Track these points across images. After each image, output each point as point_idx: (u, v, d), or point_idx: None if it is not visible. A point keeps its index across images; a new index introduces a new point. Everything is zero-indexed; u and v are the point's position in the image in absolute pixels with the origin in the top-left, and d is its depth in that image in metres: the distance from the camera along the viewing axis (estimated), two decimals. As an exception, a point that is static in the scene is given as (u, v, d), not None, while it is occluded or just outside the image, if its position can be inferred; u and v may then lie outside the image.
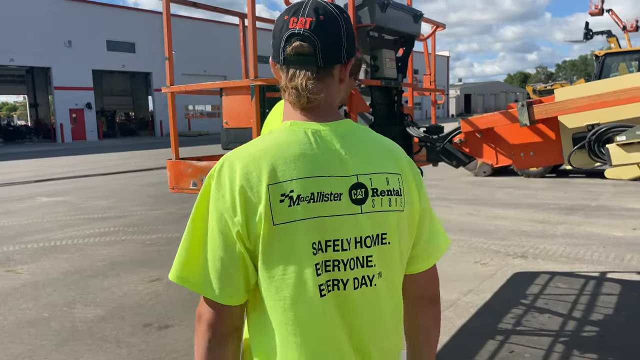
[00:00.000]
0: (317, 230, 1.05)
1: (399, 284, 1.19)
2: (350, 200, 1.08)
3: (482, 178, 12.21)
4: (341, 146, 1.11)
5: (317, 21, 1.08)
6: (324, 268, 1.06)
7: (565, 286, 4.79)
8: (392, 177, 1.13)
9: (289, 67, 1.11)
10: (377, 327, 1.13)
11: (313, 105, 1.12)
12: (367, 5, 3.41)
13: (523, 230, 6.94)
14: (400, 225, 1.14)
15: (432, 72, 4.75)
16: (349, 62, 1.14)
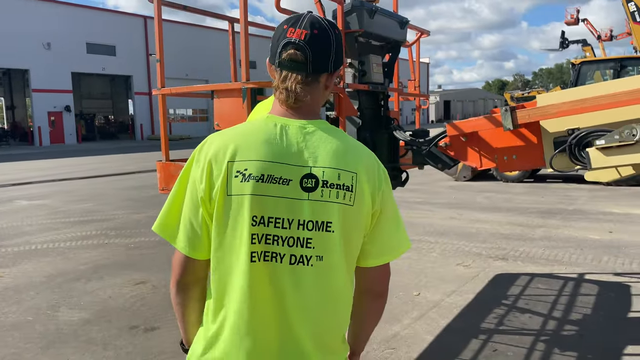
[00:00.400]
0: (259, 206, 1.22)
1: (341, 273, 1.28)
2: (300, 187, 1.23)
3: (463, 183, 12.40)
4: (304, 141, 1.27)
5: (311, 34, 1.25)
6: (260, 239, 1.22)
7: (544, 287, 4.91)
8: (345, 174, 1.25)
9: (282, 70, 1.28)
10: (308, 308, 1.25)
11: (298, 105, 1.29)
12: (356, 11, 3.49)
13: (503, 234, 7.09)
14: (346, 218, 1.25)
15: (416, 77, 4.85)
16: (335, 72, 1.32)
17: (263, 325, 1.25)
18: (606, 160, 2.76)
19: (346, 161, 1.26)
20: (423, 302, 4.61)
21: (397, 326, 4.10)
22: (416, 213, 8.76)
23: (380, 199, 1.30)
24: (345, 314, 1.35)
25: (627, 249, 6.07)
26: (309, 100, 1.29)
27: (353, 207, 1.25)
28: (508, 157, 3.30)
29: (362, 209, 1.27)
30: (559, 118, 2.99)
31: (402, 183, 3.87)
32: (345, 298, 1.33)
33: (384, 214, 1.32)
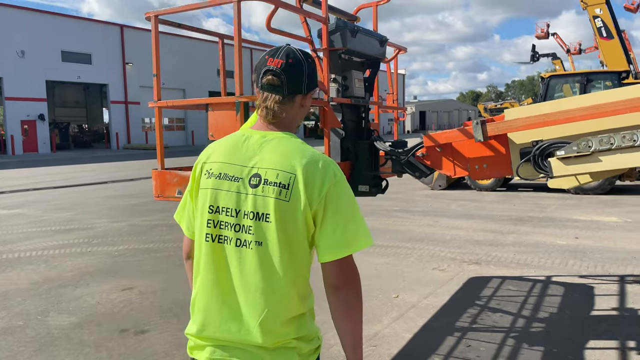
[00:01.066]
0: (214, 197, 1.55)
1: (279, 259, 1.48)
2: (248, 184, 1.51)
3: (438, 191, 12.77)
4: (259, 147, 1.55)
5: (286, 63, 1.55)
6: (214, 224, 1.55)
7: (515, 289, 5.22)
8: (284, 174, 1.48)
9: (263, 92, 1.57)
10: (249, 285, 1.50)
11: (276, 120, 1.58)
12: (340, 31, 3.75)
13: (476, 240, 7.41)
14: (282, 212, 1.47)
15: (394, 91, 5.14)
16: (308, 93, 1.61)
17: (218, 295, 1.54)
18: (566, 169, 3.05)
19: (288, 164, 1.49)
20: (402, 303, 4.86)
21: (377, 326, 4.33)
22: (394, 220, 9.04)
23: (321, 199, 1.47)
24: (285, 298, 1.50)
25: (592, 254, 6.45)
26: (285, 116, 1.58)
27: (289, 202, 1.47)
28: (479, 166, 3.58)
29: (297, 205, 1.47)
30: (525, 131, 3.29)
31: (382, 190, 4.13)
32: (284, 282, 1.49)
33: (329, 214, 1.47)
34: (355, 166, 4.01)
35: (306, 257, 1.54)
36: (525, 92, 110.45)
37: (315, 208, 1.48)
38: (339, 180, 1.51)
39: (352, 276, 1.54)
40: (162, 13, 3.32)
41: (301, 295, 1.55)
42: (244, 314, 1.51)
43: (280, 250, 1.48)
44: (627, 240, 7.13)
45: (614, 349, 3.81)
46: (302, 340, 1.55)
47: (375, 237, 7.64)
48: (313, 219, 1.49)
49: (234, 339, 1.52)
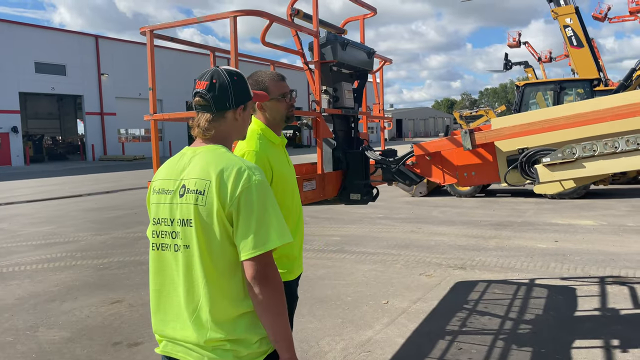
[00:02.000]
0: (156, 210, 1.75)
1: (204, 259, 1.62)
2: (178, 195, 1.68)
3: (419, 198, 12.96)
4: (189, 160, 1.72)
5: (210, 83, 1.73)
6: (157, 234, 1.74)
7: (500, 292, 5.36)
8: (201, 181, 1.64)
9: (197, 112, 1.76)
10: (187, 286, 1.66)
11: (208, 136, 1.74)
12: (330, 44, 3.86)
13: (460, 245, 7.56)
14: (201, 216, 1.62)
15: (380, 101, 5.26)
16: (239, 107, 1.77)
17: (164, 297, 1.73)
18: (551, 175, 3.20)
19: (205, 172, 1.64)
20: (392, 309, 4.95)
21: (370, 332, 4.41)
22: (379, 228, 9.16)
23: (233, 202, 1.59)
24: (212, 298, 1.63)
25: (572, 256, 6.65)
26: (217, 131, 1.75)
27: (205, 207, 1.61)
28: (468, 173, 3.71)
29: (212, 209, 1.60)
30: (511, 139, 3.43)
31: (373, 198, 4.22)
32: (209, 283, 1.63)
33: (242, 216, 1.59)
34: (347, 175, 4.10)
35: (232, 258, 1.64)
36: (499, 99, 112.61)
37: (229, 210, 1.60)
38: (253, 184, 1.61)
39: (266, 273, 1.60)
40: (158, 28, 3.37)
41: (234, 297, 1.65)
42: (183, 313, 1.68)
43: (203, 252, 1.63)
44: (604, 242, 7.37)
45: (600, 348, 3.96)
46: (238, 343, 1.64)
47: (362, 245, 7.75)
48: (229, 220, 1.61)
49: (179, 337, 1.69)
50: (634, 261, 6.29)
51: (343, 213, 10.79)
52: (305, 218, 10.42)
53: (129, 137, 41.97)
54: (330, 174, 4.00)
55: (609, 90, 13.02)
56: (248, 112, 1.83)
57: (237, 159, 1.68)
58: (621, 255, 6.57)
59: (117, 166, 30.66)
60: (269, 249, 1.59)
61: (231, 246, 1.63)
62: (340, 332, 4.41)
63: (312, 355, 3.98)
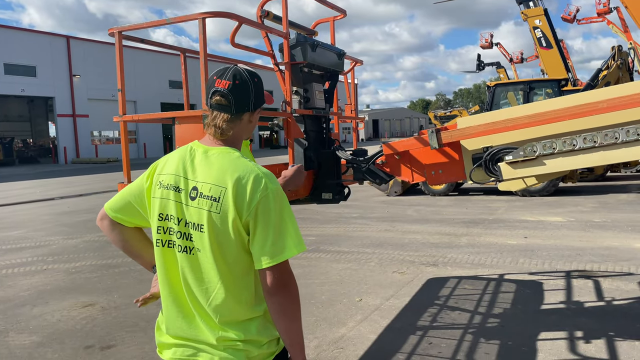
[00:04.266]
0: (162, 206, 1.70)
1: (217, 265, 1.61)
2: (189, 196, 1.64)
3: (394, 197, 13.11)
4: (201, 161, 1.67)
5: (233, 84, 1.67)
6: (164, 231, 1.70)
7: (470, 287, 5.49)
8: (216, 188, 1.61)
9: (213, 111, 1.70)
10: (197, 288, 1.65)
11: (224, 137, 1.71)
12: (300, 45, 3.91)
13: (432, 242, 7.70)
14: (214, 223, 1.60)
15: (352, 102, 5.33)
16: (256, 111, 1.75)
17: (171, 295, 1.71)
18: (514, 172, 3.30)
19: (220, 178, 1.61)
20: (365, 306, 5.03)
21: (343, 329, 4.47)
22: (353, 227, 9.24)
23: (251, 211, 1.57)
24: (225, 301, 1.63)
25: (540, 252, 6.83)
26: (232, 133, 1.71)
27: (219, 214, 1.59)
28: (435, 171, 3.80)
29: (227, 216, 1.58)
30: (476, 138, 3.53)
31: (344, 197, 4.29)
32: (222, 287, 1.62)
33: (259, 225, 1.57)
34: (318, 175, 4.16)
35: (245, 265, 1.64)
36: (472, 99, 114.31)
37: (246, 219, 1.58)
38: (270, 192, 1.59)
39: (285, 281, 1.61)
40: (126, 29, 3.37)
41: (246, 301, 1.66)
42: (192, 312, 1.68)
43: (215, 258, 1.62)
44: (571, 238, 7.58)
45: (564, 339, 4.10)
46: (250, 344, 1.66)
47: (337, 244, 7.81)
48: (245, 229, 1.60)
49: (187, 336, 1.69)
50: (599, 255, 6.50)
51: (318, 213, 10.85)
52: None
53: (102, 139, 41.30)
54: (301, 174, 4.05)
55: (576, 90, 13.38)
56: (258, 115, 1.80)
57: (253, 166, 1.64)
58: (587, 250, 6.78)
59: (90, 169, 30.15)
60: (287, 258, 1.59)
61: (245, 253, 1.62)
62: (314, 330, 4.46)
63: (286, 353, 4.02)
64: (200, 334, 1.67)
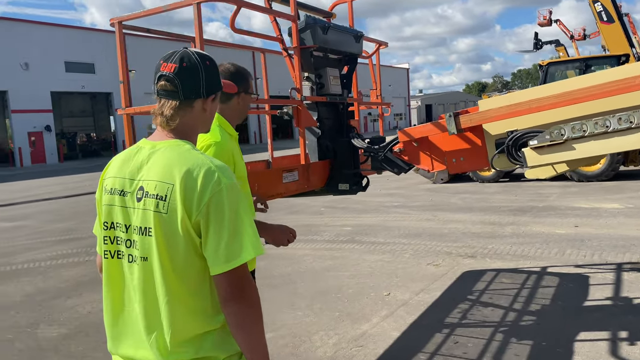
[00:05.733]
0: (108, 213, 1.53)
1: (165, 274, 1.43)
2: (135, 198, 1.46)
3: (440, 185, 12.66)
4: (147, 158, 1.49)
5: (180, 67, 1.49)
6: (111, 240, 1.53)
7: (508, 281, 5.14)
8: (162, 185, 1.42)
9: (160, 98, 1.52)
10: (142, 302, 1.47)
11: (172, 127, 1.52)
12: (310, 28, 3.70)
13: (474, 232, 7.32)
14: (162, 224, 1.41)
15: (377, 86, 5.07)
16: (209, 98, 1.56)
17: (117, 312, 1.54)
18: (540, 158, 2.98)
19: (168, 174, 1.42)
20: (392, 301, 4.80)
21: (366, 325, 4.28)
22: (393, 216, 8.97)
23: (201, 209, 1.39)
24: (177, 315, 1.44)
25: (590, 242, 6.33)
26: (182, 122, 1.52)
27: (167, 215, 1.41)
28: (456, 159, 3.51)
29: (175, 216, 1.40)
30: (500, 121, 3.22)
31: (363, 188, 4.07)
32: (173, 299, 1.44)
33: (211, 225, 1.39)
34: (334, 164, 3.96)
35: (198, 271, 1.45)
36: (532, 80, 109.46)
37: (196, 219, 1.40)
38: (224, 188, 1.41)
39: (242, 288, 1.43)
40: (125, 19, 3.30)
41: (202, 312, 1.48)
42: (141, 332, 1.48)
43: (164, 264, 1.43)
44: (627, 226, 7.00)
45: (605, 340, 3.73)
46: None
47: (373, 234, 7.58)
48: (196, 230, 1.41)
49: (137, 357, 1.50)
50: (657, 246, 5.95)
51: (359, 202, 10.63)
52: (320, 208, 10.35)
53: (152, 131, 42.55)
54: (315, 164, 3.87)
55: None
56: (216, 103, 1.61)
57: (205, 158, 1.45)
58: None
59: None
60: (244, 261, 1.40)
61: (198, 258, 1.43)
62: (336, 326, 4.30)
63: (303, 351, 3.88)
64: (148, 356, 1.48)
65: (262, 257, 6.45)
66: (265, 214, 2.90)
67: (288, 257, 6.57)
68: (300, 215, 9.57)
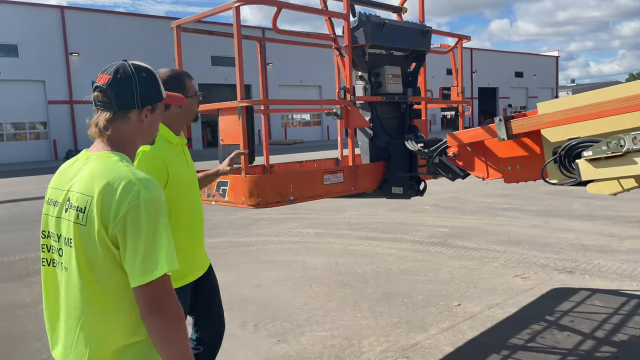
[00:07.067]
0: (45, 222, 1.61)
1: (84, 284, 1.47)
2: (64, 209, 1.52)
3: (565, 188, 11.46)
4: (79, 169, 1.55)
5: (113, 78, 1.55)
6: (47, 249, 1.60)
7: (601, 304, 4.53)
8: (82, 197, 1.47)
9: (96, 109, 1.58)
10: (66, 311, 1.52)
11: (105, 137, 1.56)
12: (363, 26, 3.59)
13: (584, 244, 6.56)
14: (81, 236, 1.46)
15: (459, 83, 4.75)
16: (145, 108, 1.59)
17: (50, 320, 1.60)
18: (596, 172, 2.56)
19: (89, 186, 1.46)
20: (460, 313, 4.51)
21: (421, 335, 4.08)
22: (498, 220, 8.38)
23: (117, 223, 1.42)
24: (97, 326, 1.48)
25: None
26: (117, 134, 1.56)
27: (85, 226, 1.45)
28: (512, 167, 3.16)
29: (92, 228, 1.44)
30: (560, 127, 2.83)
31: (419, 192, 3.87)
32: (96, 309, 1.47)
33: (128, 239, 1.42)
34: (389, 167, 3.82)
35: (119, 283, 1.47)
36: None
37: (113, 232, 1.43)
38: (142, 201, 1.43)
39: (160, 302, 1.43)
40: (184, 22, 3.49)
41: (124, 324, 1.49)
42: (66, 340, 1.53)
43: (86, 276, 1.47)
44: None
45: (696, 389, 3.13)
46: None
47: (468, 238, 7.17)
48: (114, 242, 1.44)
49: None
50: None
51: (467, 202, 10.10)
52: (424, 206, 10.02)
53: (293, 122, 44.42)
54: (365, 166, 3.76)
55: None
56: (157, 114, 1.65)
57: (128, 171, 1.48)
58: None
59: (278, 149, 32.73)
60: (159, 276, 1.42)
61: (119, 269, 1.46)
62: (390, 333, 4.16)
63: (347, 355, 3.82)
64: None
65: (344, 252, 6.44)
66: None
67: (370, 255, 6.49)
68: (400, 212, 9.38)
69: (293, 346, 4.00)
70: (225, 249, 7.23)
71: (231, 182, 3.25)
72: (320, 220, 9.07)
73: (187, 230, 2.45)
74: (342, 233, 7.91)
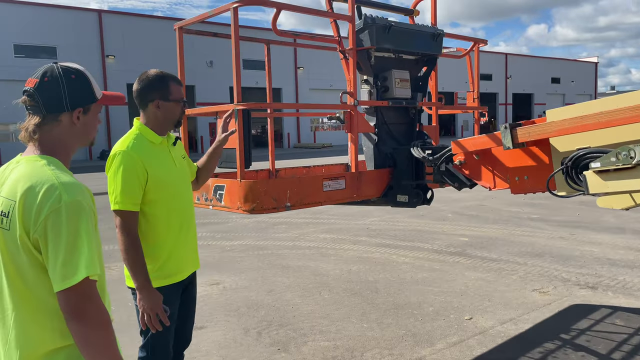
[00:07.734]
0: None
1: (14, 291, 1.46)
2: None
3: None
4: (9, 174, 1.52)
5: (40, 82, 1.52)
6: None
7: (622, 324, 4.28)
8: (7, 201, 1.46)
9: (27, 113, 1.55)
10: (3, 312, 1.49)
11: (37, 143, 1.53)
12: (368, 28, 3.49)
13: (610, 258, 6.25)
14: (6, 240, 1.45)
15: (475, 88, 4.59)
16: (76, 110, 1.56)
17: None
18: (604, 185, 2.38)
19: (13, 191, 1.45)
20: (470, 327, 4.33)
21: (426, 350, 3.93)
22: (522, 230, 8.10)
23: (38, 227, 1.39)
24: (30, 329, 1.47)
25: None
26: (48, 137, 1.53)
27: (9, 231, 1.43)
28: (520, 177, 3.00)
29: (15, 233, 1.42)
30: (569, 136, 2.66)
31: (426, 201, 3.73)
32: (26, 313, 1.46)
33: (49, 243, 1.40)
34: (394, 174, 3.69)
35: (48, 286, 1.44)
36: None
37: (34, 236, 1.40)
38: (63, 206, 1.40)
39: (81, 307, 1.41)
40: (185, 24, 3.46)
41: (52, 328, 1.47)
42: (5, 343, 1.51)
43: (14, 280, 1.47)
44: None
45: None
46: None
47: (487, 249, 6.95)
48: (36, 247, 1.41)
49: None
50: None
51: (491, 211, 9.82)
52: (447, 214, 9.79)
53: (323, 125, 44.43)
54: (369, 173, 3.65)
55: None
56: (91, 116, 1.61)
57: (51, 175, 1.45)
58: None
59: (306, 153, 32.78)
60: (79, 280, 1.40)
61: (44, 273, 1.44)
62: (394, 346, 4.02)
63: (347, 367, 3.71)
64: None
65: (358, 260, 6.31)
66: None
67: (385, 263, 6.35)
68: (421, 220, 9.18)
69: (293, 355, 3.91)
70: (241, 252, 7.20)
71: (227, 187, 3.20)
72: (339, 225, 8.96)
73: (173, 229, 2.43)
74: (359, 239, 7.78)
